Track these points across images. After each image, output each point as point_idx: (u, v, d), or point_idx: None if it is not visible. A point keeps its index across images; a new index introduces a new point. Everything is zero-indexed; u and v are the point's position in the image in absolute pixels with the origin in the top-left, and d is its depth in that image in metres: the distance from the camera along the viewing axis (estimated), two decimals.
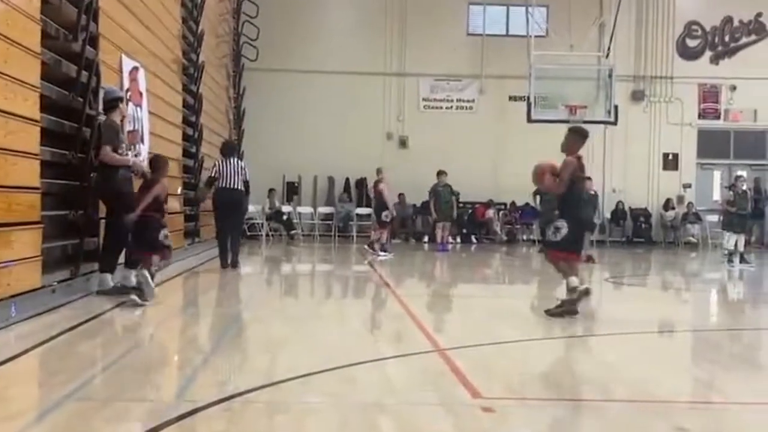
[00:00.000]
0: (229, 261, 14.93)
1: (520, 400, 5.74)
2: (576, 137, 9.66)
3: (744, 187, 19.27)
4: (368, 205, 27.18)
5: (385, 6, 27.87)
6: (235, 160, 14.99)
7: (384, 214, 19.28)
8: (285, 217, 25.61)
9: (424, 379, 6.35)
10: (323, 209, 27.25)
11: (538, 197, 20.66)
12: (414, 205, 26.80)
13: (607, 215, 27.34)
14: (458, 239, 26.12)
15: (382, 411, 5.29)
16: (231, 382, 6.10)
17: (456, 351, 7.33)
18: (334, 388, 5.90)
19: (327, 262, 19.20)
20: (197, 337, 8.51)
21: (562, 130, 24.23)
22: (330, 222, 26.82)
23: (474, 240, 26.46)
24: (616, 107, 24.11)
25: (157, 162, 10.36)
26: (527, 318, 10.01)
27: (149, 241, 9.89)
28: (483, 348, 7.60)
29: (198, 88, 19.65)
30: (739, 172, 25.69)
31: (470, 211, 27.04)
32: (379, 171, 19.75)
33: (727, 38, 28.19)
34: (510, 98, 27.20)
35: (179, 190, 17.57)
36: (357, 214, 27.08)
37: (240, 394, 5.52)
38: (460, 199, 26.23)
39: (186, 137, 18.74)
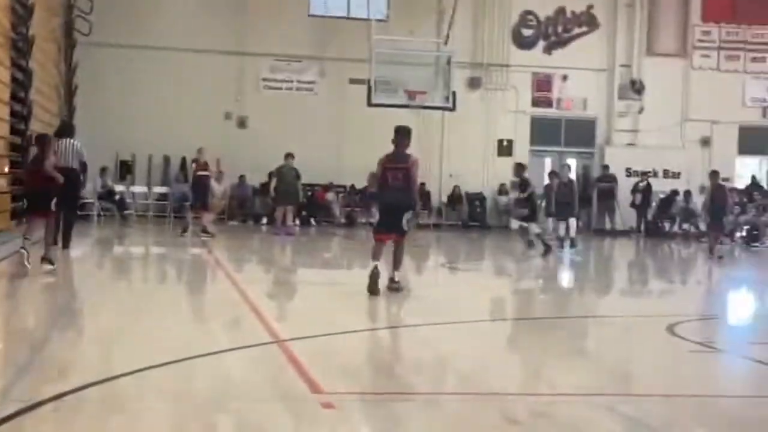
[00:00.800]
0: (59, 242, 14.42)
1: (359, 394, 5.78)
2: (406, 134, 11.31)
3: (571, 176, 19.85)
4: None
5: None
6: (69, 140, 14.57)
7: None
8: (117, 197, 24.93)
9: (263, 373, 6.31)
10: (158, 189, 26.66)
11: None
12: (253, 187, 26.54)
13: (444, 199, 27.86)
14: (297, 222, 26.04)
15: (220, 409, 5.22)
16: (61, 378, 5.88)
17: (296, 342, 7.32)
18: (171, 385, 5.78)
19: (161, 245, 18.80)
20: (24, 329, 8.17)
21: (403, 114, 24.59)
22: (165, 202, 26.26)
23: (313, 223, 26.47)
24: (454, 93, 24.45)
25: None
26: (366, 306, 10.07)
27: None
28: (323, 339, 7.60)
29: (28, 63, 18.82)
30: (568, 161, 26.69)
31: (310, 193, 26.99)
32: (199, 151, 19.43)
33: (560, 29, 29.09)
34: (351, 81, 27.22)
35: (5, 169, 16.82)
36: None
37: (71, 392, 5.33)
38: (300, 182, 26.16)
39: (14, 113, 17.93)
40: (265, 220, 25.57)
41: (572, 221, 19.10)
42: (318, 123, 27.44)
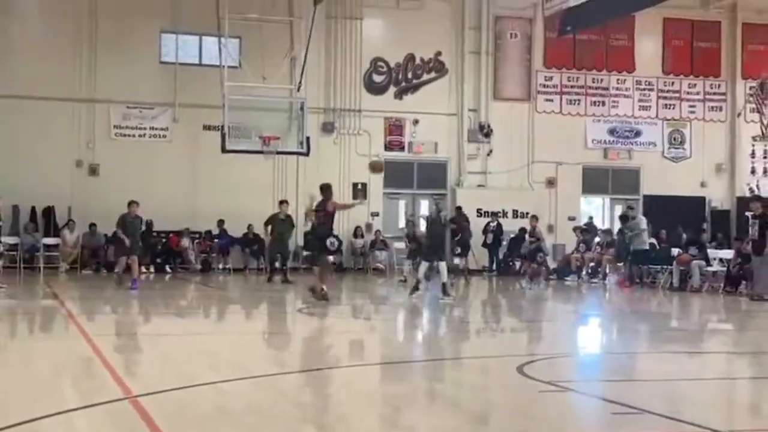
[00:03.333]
0: None
1: None
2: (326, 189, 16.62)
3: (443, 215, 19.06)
4: (56, 235, 25.91)
5: (75, 31, 26.77)
6: None
7: None
8: None
9: None
10: (7, 239, 25.56)
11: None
12: (106, 235, 25.77)
13: (300, 242, 27.75)
14: (152, 269, 25.45)
15: None
16: None
17: (149, 398, 7.06)
18: None
19: (10, 297, 17.98)
20: None
21: (257, 159, 24.55)
22: (15, 253, 25.19)
23: (168, 270, 25.89)
24: (308, 138, 24.54)
25: None
26: (223, 356, 9.85)
27: None
28: (178, 393, 7.37)
29: None
30: (435, 202, 27.10)
31: (164, 240, 26.45)
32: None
33: (410, 74, 29.61)
34: (204, 127, 26.96)
35: None
36: (44, 245, 25.65)
37: None
38: (154, 228, 25.62)
39: None
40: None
41: (442, 264, 17.84)
42: (172, 169, 27.00)
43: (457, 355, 10.94)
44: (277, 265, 22.77)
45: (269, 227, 22.54)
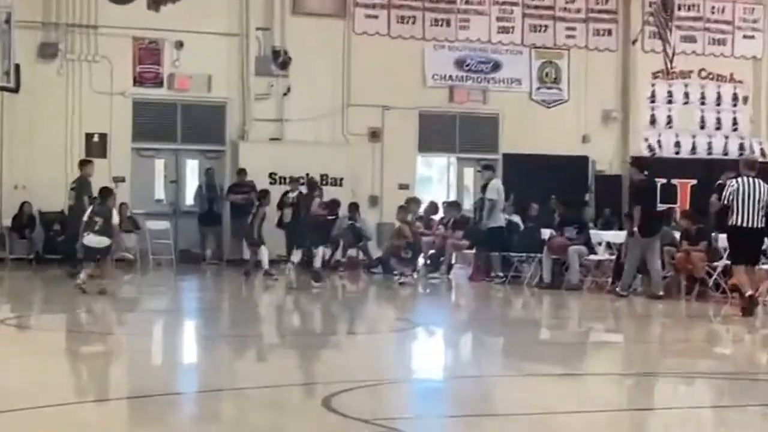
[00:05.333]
0: None
1: None
2: None
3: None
4: None
5: None
6: None
7: None
8: None
9: None
10: None
11: None
12: None
13: (8, 223, 27.02)
14: None
15: None
16: None
17: None
18: None
19: None
20: None
21: None
22: None
23: None
24: (17, 66, 23.92)
25: None
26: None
27: None
28: None
29: None
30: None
31: None
32: None
33: None
34: None
35: None
36: None
37: None
38: None
39: None
40: None
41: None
42: None
43: (236, 384, 10.92)
44: None
45: None
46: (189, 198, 29.37)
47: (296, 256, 21.81)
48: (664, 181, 27.92)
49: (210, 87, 29.35)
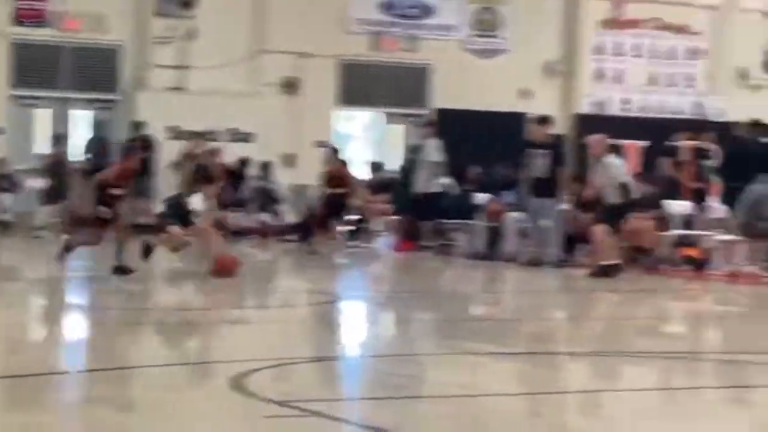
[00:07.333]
0: None
1: None
2: None
3: None
4: None
5: None
6: None
7: None
8: None
9: None
10: None
11: None
12: None
13: None
14: None
15: None
16: None
17: None
18: None
19: None
20: None
21: None
22: None
23: None
24: None
25: None
26: None
27: None
28: None
29: None
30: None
31: None
32: None
33: None
34: None
35: None
36: None
37: None
38: None
39: None
40: None
41: None
42: None
43: (130, 363, 10.95)
44: None
45: None
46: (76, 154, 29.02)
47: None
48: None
49: (102, 27, 29.15)
